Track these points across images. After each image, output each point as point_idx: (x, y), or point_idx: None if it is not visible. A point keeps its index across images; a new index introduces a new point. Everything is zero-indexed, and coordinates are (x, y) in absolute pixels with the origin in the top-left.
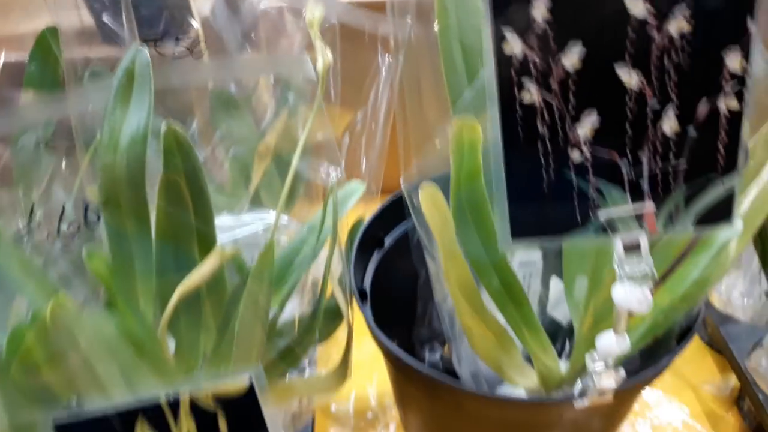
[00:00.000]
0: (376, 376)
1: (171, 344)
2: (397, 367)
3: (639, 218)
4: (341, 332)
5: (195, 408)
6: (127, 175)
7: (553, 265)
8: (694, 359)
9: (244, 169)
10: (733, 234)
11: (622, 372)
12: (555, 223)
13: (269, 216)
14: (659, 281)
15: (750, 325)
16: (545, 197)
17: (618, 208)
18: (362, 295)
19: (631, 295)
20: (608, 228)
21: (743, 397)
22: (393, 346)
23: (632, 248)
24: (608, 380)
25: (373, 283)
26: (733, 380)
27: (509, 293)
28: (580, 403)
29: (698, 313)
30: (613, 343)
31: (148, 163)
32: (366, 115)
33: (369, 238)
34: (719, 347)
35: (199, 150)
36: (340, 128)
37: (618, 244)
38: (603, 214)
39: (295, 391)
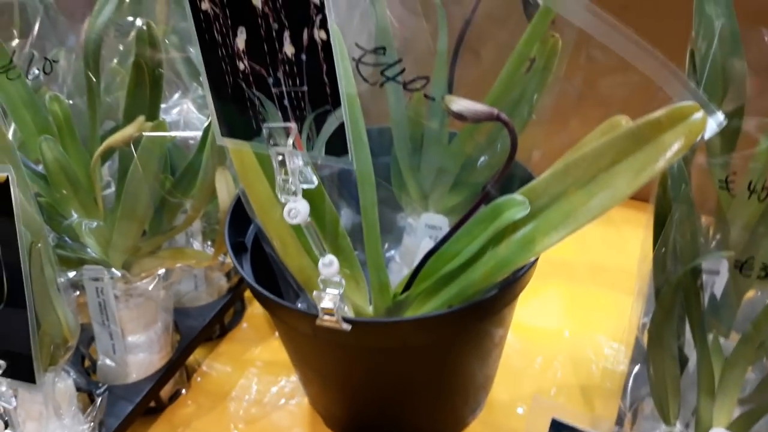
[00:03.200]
0: None
1: None
2: (260, 301)
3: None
4: None
5: None
6: (93, 47)
7: None
8: None
9: None
10: (519, 212)
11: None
12: (244, 128)
13: None
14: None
15: None
16: (231, 100)
17: (273, 122)
18: (239, 248)
19: (288, 207)
20: (271, 140)
21: None
22: (254, 284)
23: (284, 163)
24: (327, 302)
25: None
26: None
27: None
28: (319, 321)
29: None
30: (323, 265)
31: None
32: None
33: None
34: None
35: None
36: None
37: (273, 156)
38: (266, 126)
39: (183, 255)
